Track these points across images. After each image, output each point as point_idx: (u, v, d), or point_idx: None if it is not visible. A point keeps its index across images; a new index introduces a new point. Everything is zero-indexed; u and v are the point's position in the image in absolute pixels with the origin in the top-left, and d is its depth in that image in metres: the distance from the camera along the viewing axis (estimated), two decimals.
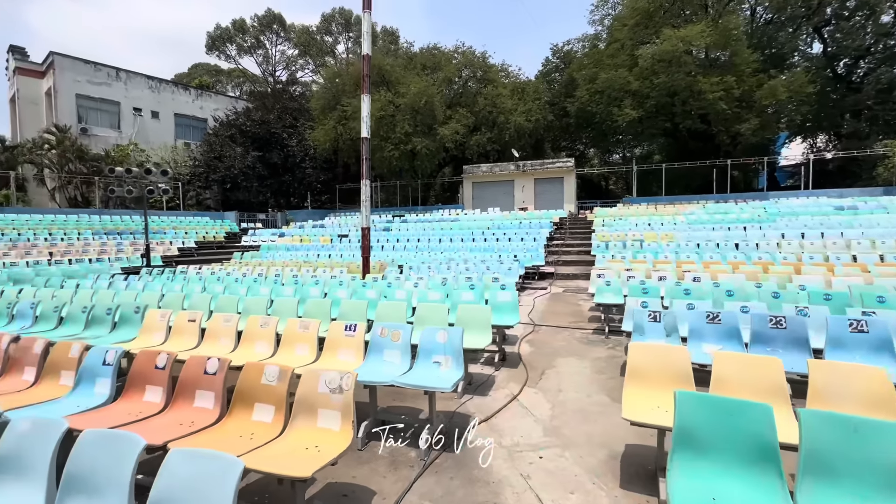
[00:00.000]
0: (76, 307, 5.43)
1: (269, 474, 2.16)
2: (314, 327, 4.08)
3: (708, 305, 4.81)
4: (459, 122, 30.13)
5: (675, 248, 11.85)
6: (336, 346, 3.93)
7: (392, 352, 3.75)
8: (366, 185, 9.75)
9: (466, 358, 4.24)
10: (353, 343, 3.89)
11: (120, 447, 1.82)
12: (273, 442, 2.46)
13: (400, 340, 3.75)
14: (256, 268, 11.09)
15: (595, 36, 33.41)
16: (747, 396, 2.34)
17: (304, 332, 4.10)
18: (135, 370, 3.15)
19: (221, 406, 2.80)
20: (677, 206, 22.50)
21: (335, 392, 2.57)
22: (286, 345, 4.12)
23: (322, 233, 21.73)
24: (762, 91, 23.81)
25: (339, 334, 3.96)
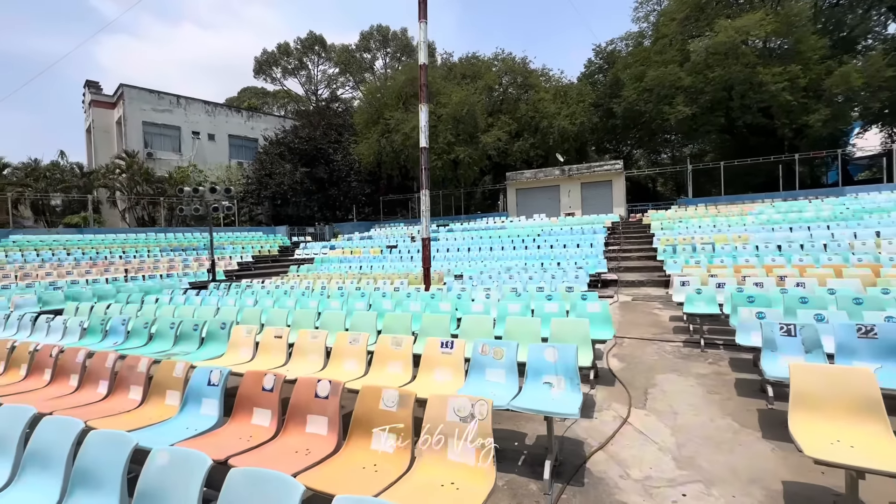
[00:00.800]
0: (164, 323, 5.56)
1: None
2: (407, 345, 3.89)
3: (843, 316, 4.23)
4: (501, 128, 29.89)
5: (752, 252, 10.93)
6: (432, 365, 3.71)
7: (495, 371, 3.48)
8: (425, 194, 9.65)
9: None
10: (451, 361, 3.65)
11: (275, 490, 1.66)
12: (403, 479, 2.25)
13: (504, 358, 3.48)
14: (317, 280, 11.23)
15: (640, 33, 32.28)
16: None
17: (397, 350, 3.92)
18: (243, 392, 3.05)
19: (338, 434, 2.63)
20: (741, 205, 21.10)
21: (466, 420, 2.33)
22: (378, 363, 3.95)
23: (370, 244, 21.99)
24: (832, 79, 22.02)
25: (435, 352, 3.75)
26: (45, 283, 12.01)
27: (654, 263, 13.85)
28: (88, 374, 3.91)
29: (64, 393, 3.86)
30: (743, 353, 5.46)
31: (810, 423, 2.46)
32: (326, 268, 15.92)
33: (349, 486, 2.09)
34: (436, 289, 8.20)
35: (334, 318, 5.58)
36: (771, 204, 20.11)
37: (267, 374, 3.02)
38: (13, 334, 6.74)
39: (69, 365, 4.12)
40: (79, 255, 16.65)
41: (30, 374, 4.32)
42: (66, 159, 27.09)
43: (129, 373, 3.68)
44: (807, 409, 2.52)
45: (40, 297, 9.73)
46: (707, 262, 10.06)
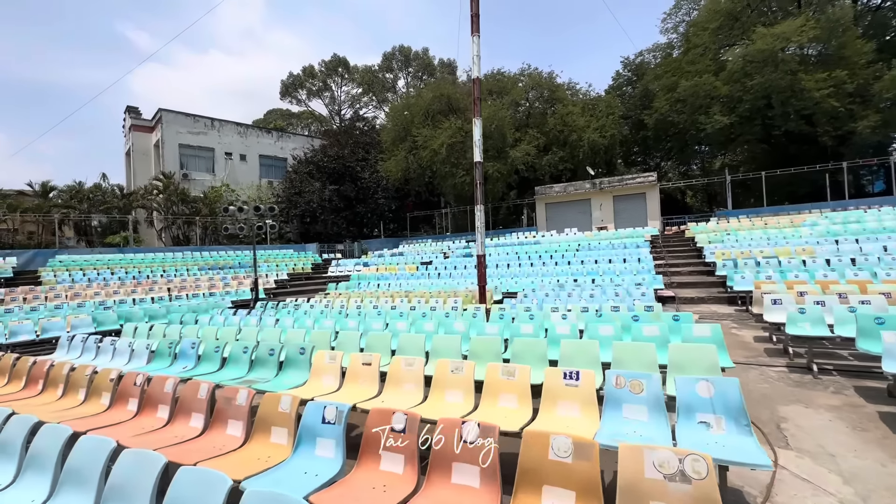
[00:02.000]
0: (237, 348, 5.33)
1: None
2: (523, 375, 3.52)
3: None
4: (530, 143, 29.69)
5: (823, 266, 10.22)
6: (555, 398, 3.33)
7: (635, 407, 3.08)
8: (479, 210, 9.36)
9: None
10: (580, 395, 3.26)
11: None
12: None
13: (644, 392, 3.08)
14: (366, 299, 11.00)
15: (668, 44, 31.94)
16: None
17: (510, 381, 3.55)
18: (370, 434, 2.73)
19: (500, 488, 2.27)
20: (788, 216, 20.19)
21: (674, 479, 1.94)
22: (489, 395, 3.59)
23: (403, 260, 21.80)
24: (882, 83, 21.16)
25: (558, 384, 3.36)
26: (95, 303, 12.10)
27: (710, 279, 13.18)
28: (180, 406, 3.66)
29: (155, 426, 3.61)
30: (868, 381, 4.90)
31: None
32: (366, 285, 15.73)
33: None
34: (498, 309, 7.82)
35: (412, 341, 5.26)
36: (822, 214, 19.17)
37: (396, 413, 2.70)
38: (77, 357, 6.65)
39: (157, 394, 3.88)
40: (122, 275, 16.91)
41: (114, 404, 4.11)
42: (107, 181, 28.01)
43: (226, 405, 3.41)
44: None
45: (95, 318, 9.74)
46: (780, 277, 9.42)
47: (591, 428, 2.98)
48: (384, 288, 14.67)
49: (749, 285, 9.63)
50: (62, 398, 4.57)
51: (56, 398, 4.58)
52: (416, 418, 2.66)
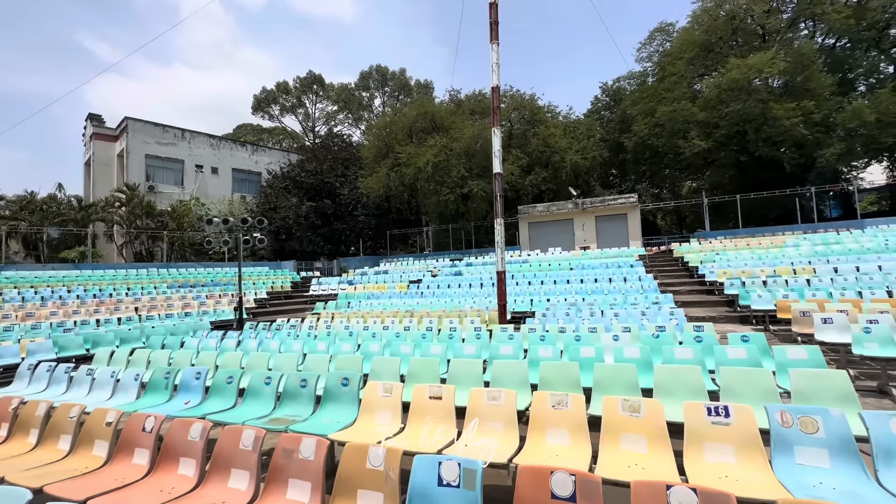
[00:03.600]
0: (257, 378, 4.44)
1: None
2: (654, 411, 2.91)
3: None
4: (514, 163, 29.82)
5: (829, 285, 10.28)
6: (701, 439, 2.72)
7: (810, 451, 2.52)
8: (499, 224, 8.84)
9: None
10: (736, 435, 2.67)
11: None
12: None
13: (821, 432, 2.53)
14: (370, 319, 10.11)
15: (643, 72, 33.28)
16: None
17: (635, 418, 2.93)
18: (525, 494, 2.02)
19: None
20: (767, 237, 20.83)
21: None
22: (610, 435, 2.94)
23: (388, 279, 20.93)
24: (845, 114, 22.56)
25: (702, 421, 2.77)
26: (52, 324, 10.61)
27: (713, 298, 13.13)
28: (216, 461, 2.80)
29: (182, 490, 2.73)
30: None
31: None
32: (357, 304, 14.77)
33: None
34: (528, 329, 7.21)
35: (466, 367, 4.55)
36: (801, 236, 19.86)
37: (557, 472, 2.01)
38: (41, 390, 5.49)
39: (178, 443, 3.00)
40: (80, 293, 15.20)
41: (115, 457, 3.16)
42: (63, 192, 25.82)
43: (286, 460, 2.60)
44: None
45: (55, 341, 8.40)
46: (797, 296, 9.32)
47: (765, 478, 2.39)
48: (379, 307, 13.79)
49: (767, 304, 9.48)
50: (36, 449, 3.55)
51: (27, 448, 3.56)
52: (588, 480, 1.97)
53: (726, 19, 26.24)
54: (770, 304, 9.38)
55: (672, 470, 2.55)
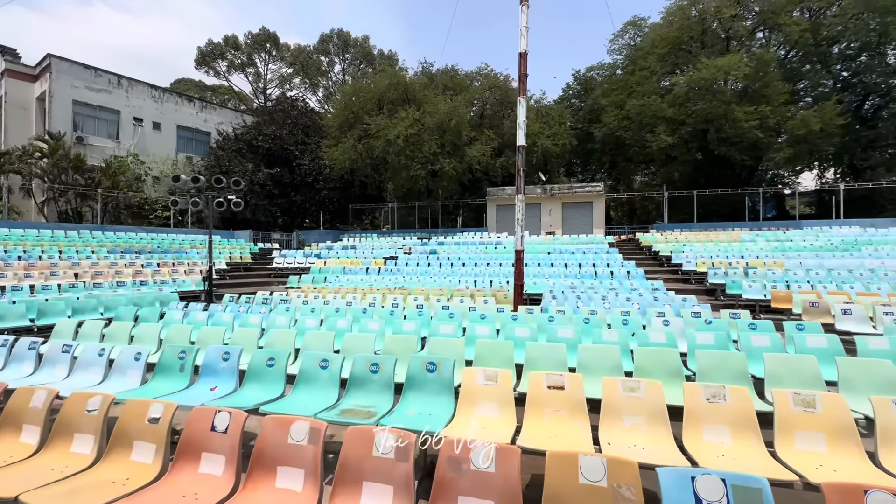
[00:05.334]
0: (310, 360, 3.69)
1: None
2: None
3: None
4: (486, 143, 29.42)
5: (820, 277, 10.92)
6: (792, 428, 2.47)
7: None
8: (520, 200, 8.38)
9: None
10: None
11: None
12: None
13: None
14: (368, 296, 9.30)
15: (613, 65, 33.88)
16: None
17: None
18: None
19: None
20: (722, 232, 22.16)
21: None
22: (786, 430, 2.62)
23: (358, 255, 19.94)
24: (794, 122, 24.29)
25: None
26: None
27: (690, 286, 13.64)
28: (343, 471, 2.14)
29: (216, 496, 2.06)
30: None
31: None
32: (335, 280, 13.81)
33: None
34: (557, 311, 6.88)
35: (550, 352, 4.10)
36: (750, 232, 21.25)
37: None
38: (6, 371, 4.33)
39: (275, 448, 2.28)
40: (1, 254, 12.91)
41: (175, 465, 2.37)
42: None
43: (455, 472, 2.01)
44: None
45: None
46: (784, 287, 9.80)
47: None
48: (360, 283, 12.95)
49: (758, 294, 9.89)
50: (39, 454, 2.65)
51: (26, 454, 2.65)
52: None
53: (698, 19, 27.14)
54: (760, 294, 9.79)
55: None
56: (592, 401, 3.06)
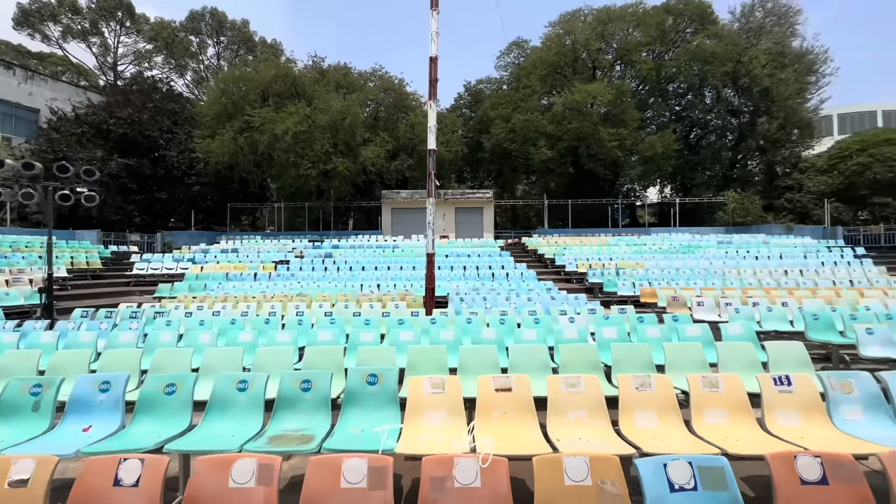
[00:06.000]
0: (225, 385, 3.13)
1: None
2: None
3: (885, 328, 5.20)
4: (381, 145, 29.14)
5: (671, 276, 12.97)
6: (773, 407, 3.00)
7: (851, 408, 3.01)
8: (431, 203, 8.38)
9: None
10: (796, 401, 3.01)
11: None
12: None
13: (856, 391, 3.05)
14: (263, 304, 8.33)
15: (500, 80, 36.32)
16: None
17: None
18: None
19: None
20: (593, 237, 25.18)
21: None
22: (697, 412, 2.99)
23: (242, 258, 18.04)
24: (644, 144, 28.80)
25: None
26: None
27: (573, 285, 15.18)
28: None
29: None
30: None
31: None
32: (218, 288, 12.22)
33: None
34: (469, 313, 7.04)
35: (482, 354, 4.13)
36: (612, 238, 24.52)
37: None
38: None
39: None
40: None
41: None
42: None
43: (439, 492, 1.84)
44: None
45: None
46: (650, 285, 11.48)
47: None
48: (250, 290, 11.69)
49: (629, 291, 11.42)
50: None
51: None
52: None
53: (571, 48, 30.56)
54: (630, 291, 11.32)
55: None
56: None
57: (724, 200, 28.77)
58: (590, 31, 29.74)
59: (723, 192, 29.53)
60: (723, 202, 29.41)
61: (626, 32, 30.35)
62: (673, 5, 30.21)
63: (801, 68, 29.21)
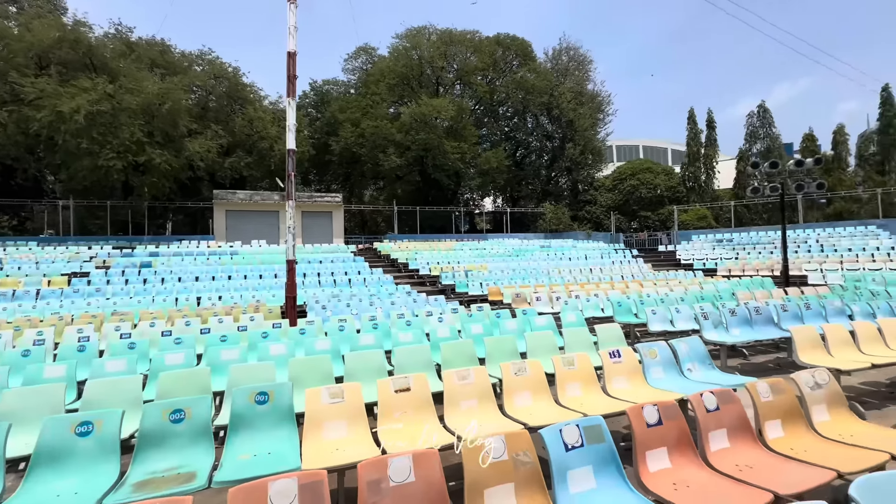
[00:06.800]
0: (57, 431, 2.43)
1: None
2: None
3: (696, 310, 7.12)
4: (211, 139, 25.82)
5: (509, 276, 14.73)
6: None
7: (658, 370, 4.02)
8: (291, 207, 7.79)
9: None
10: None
11: None
12: None
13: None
14: (105, 325, 6.43)
15: (348, 83, 35.87)
16: None
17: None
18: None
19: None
20: (439, 242, 26.88)
21: None
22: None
23: (10, 272, 13.74)
24: (481, 158, 32.09)
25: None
26: None
27: (428, 288, 15.95)
28: None
29: None
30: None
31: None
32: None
33: None
34: (338, 321, 6.87)
35: (370, 359, 4.11)
36: (456, 242, 26.61)
37: None
38: None
39: None
40: None
41: None
42: None
43: (376, 494, 1.83)
44: None
45: None
46: (496, 283, 12.90)
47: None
48: (42, 313, 9.02)
49: (478, 290, 12.63)
50: None
51: None
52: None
53: (417, 62, 32.12)
54: (480, 290, 12.54)
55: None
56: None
57: (543, 211, 33.84)
58: (434, 50, 31.75)
59: (542, 203, 34.79)
60: (542, 212, 34.53)
61: (465, 56, 33.34)
62: (503, 39, 34.43)
63: (593, 106, 36.48)
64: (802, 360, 4.53)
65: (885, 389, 4.99)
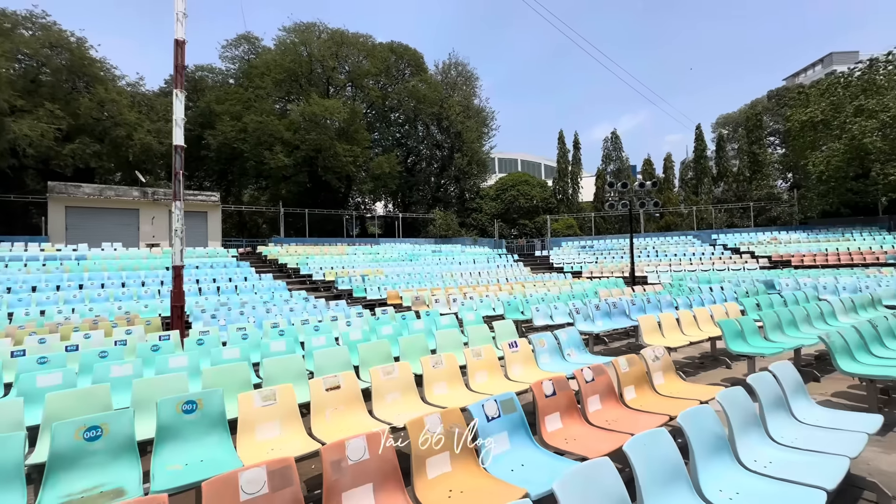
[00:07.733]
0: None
1: None
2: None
3: (563, 306, 8.34)
4: (46, 121, 21.62)
5: (406, 280, 15.16)
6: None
7: (548, 358, 4.82)
8: (178, 208, 7.09)
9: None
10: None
11: None
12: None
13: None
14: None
15: (226, 72, 32.83)
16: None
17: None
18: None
19: None
20: (332, 246, 26.28)
21: None
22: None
23: None
24: (374, 163, 32.13)
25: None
26: None
27: (324, 293, 15.55)
28: None
29: None
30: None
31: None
32: None
33: None
34: (237, 329, 6.55)
35: (290, 364, 4.15)
36: (348, 247, 26.30)
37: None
38: None
39: None
40: None
41: None
42: None
43: (338, 473, 2.07)
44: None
45: None
46: (399, 287, 13.23)
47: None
48: None
49: (376, 294, 12.84)
50: None
51: None
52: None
53: (307, 59, 30.88)
54: (378, 294, 12.77)
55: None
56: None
57: (434, 217, 35.13)
58: (325, 49, 30.90)
59: (432, 209, 36.10)
60: (433, 218, 35.78)
61: (358, 59, 33.10)
62: (396, 47, 35.00)
63: (479, 120, 39.11)
64: (646, 341, 5.82)
65: (698, 360, 6.63)
